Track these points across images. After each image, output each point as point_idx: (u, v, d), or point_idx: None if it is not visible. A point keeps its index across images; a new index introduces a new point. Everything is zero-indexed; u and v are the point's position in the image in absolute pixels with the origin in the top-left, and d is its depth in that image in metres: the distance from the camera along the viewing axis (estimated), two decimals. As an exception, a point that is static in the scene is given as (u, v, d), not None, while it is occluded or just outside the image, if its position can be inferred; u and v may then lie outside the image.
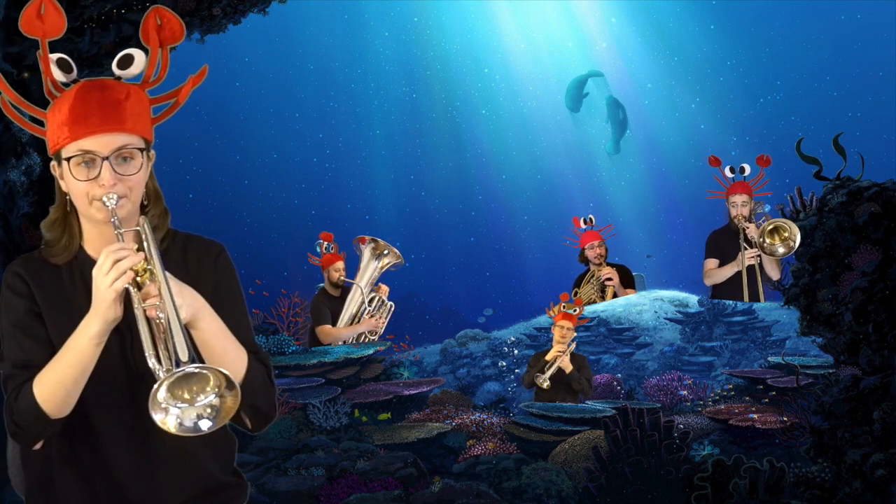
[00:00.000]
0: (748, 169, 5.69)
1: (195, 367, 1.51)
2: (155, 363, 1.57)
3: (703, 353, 5.54)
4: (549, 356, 5.16)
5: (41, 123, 1.74)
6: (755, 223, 5.56)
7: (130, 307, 1.62)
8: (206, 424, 1.54)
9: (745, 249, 5.59)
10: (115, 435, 1.75)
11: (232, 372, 1.56)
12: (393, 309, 6.23)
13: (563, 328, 5.21)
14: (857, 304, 3.29)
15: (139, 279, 1.61)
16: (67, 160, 1.68)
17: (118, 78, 1.73)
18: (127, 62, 1.73)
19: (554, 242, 12.02)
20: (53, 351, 1.68)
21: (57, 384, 1.65)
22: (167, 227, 1.81)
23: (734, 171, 5.68)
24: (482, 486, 4.16)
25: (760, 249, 5.11)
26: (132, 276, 1.60)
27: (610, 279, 6.21)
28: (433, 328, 14.20)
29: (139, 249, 1.66)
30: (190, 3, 4.75)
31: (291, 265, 15.03)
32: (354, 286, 6.14)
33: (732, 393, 5.02)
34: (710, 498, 3.34)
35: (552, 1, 17.42)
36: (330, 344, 5.84)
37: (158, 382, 1.50)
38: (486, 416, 4.88)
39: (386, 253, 6.21)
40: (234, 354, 1.72)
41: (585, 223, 6.35)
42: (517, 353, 5.87)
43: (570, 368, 5.11)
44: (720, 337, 5.58)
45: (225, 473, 1.86)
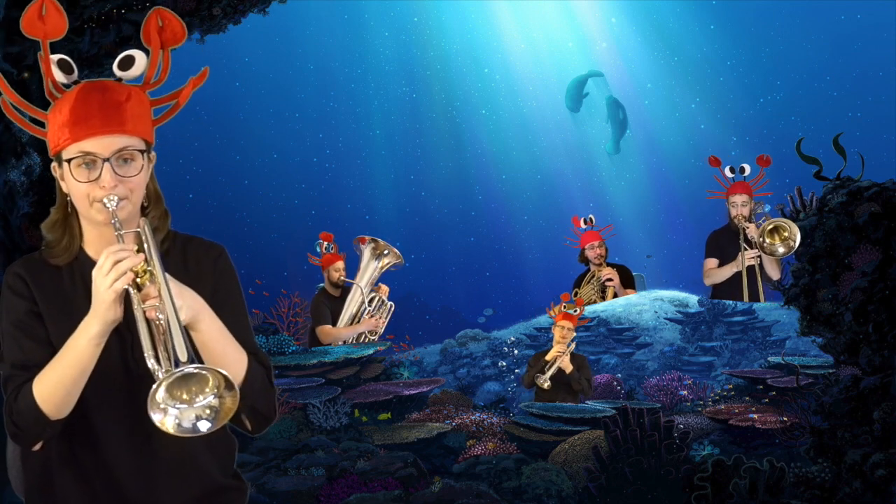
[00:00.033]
0: (748, 169, 5.69)
1: (194, 367, 1.51)
2: (154, 364, 1.56)
3: (703, 353, 5.54)
4: (548, 356, 5.16)
5: (42, 124, 1.74)
6: (755, 223, 5.55)
7: (130, 308, 1.62)
8: (204, 425, 1.54)
9: (745, 249, 5.59)
10: (114, 436, 1.75)
11: (232, 373, 1.56)
12: (393, 309, 6.23)
13: (563, 328, 5.21)
14: (857, 304, 3.29)
15: (139, 280, 1.61)
16: (68, 162, 1.68)
17: (119, 79, 1.73)
18: (128, 63, 1.73)
19: (554, 242, 12.01)
20: (53, 352, 1.68)
21: (56, 385, 1.65)
22: (167, 228, 1.81)
23: (734, 171, 5.68)
24: (482, 486, 4.16)
25: (760, 249, 5.11)
26: (132, 277, 1.60)
27: (610, 280, 6.21)
28: (433, 328, 14.20)
29: (139, 251, 1.66)
30: (190, 3, 4.75)
31: (291, 265, 15.03)
32: (354, 286, 6.14)
33: (732, 393, 5.02)
34: (710, 498, 3.33)
35: (552, 1, 17.41)
36: (330, 344, 5.84)
37: (157, 383, 1.50)
38: (486, 416, 4.88)
39: (386, 253, 6.21)
40: (233, 356, 1.71)
41: (585, 223, 6.35)
42: (517, 353, 5.87)
43: (570, 368, 5.11)
44: (720, 337, 5.58)
45: (225, 476, 1.86)
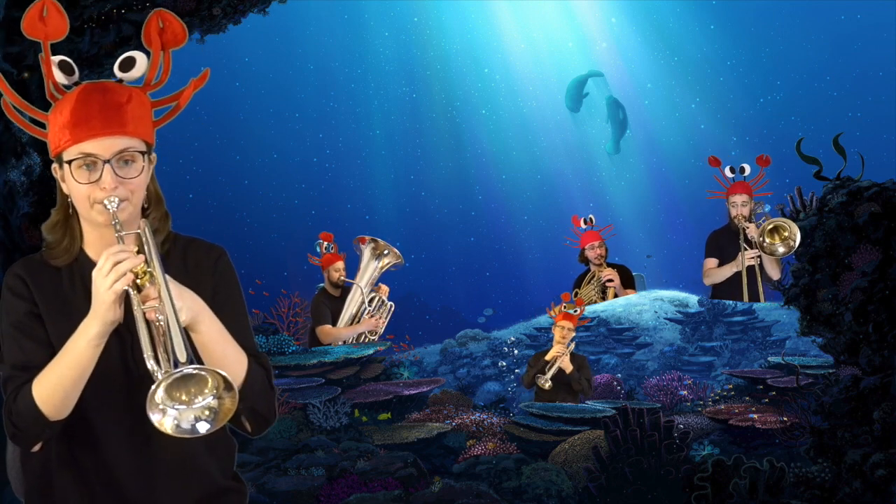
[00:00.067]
0: (748, 169, 5.69)
1: (193, 368, 1.51)
2: (153, 365, 1.56)
3: (703, 353, 5.54)
4: (548, 356, 5.16)
5: (42, 125, 1.74)
6: (755, 223, 5.56)
7: (130, 310, 1.62)
8: (203, 427, 1.54)
9: (745, 249, 5.59)
10: (114, 437, 1.75)
11: (231, 375, 1.56)
12: (393, 309, 6.23)
13: (563, 328, 5.21)
14: (857, 304, 3.29)
15: (139, 281, 1.61)
16: (69, 163, 1.68)
17: (120, 80, 1.73)
18: (129, 65, 1.73)
19: (554, 242, 12.01)
20: (53, 353, 1.68)
21: (56, 386, 1.65)
22: (168, 230, 1.81)
23: (734, 171, 5.68)
24: (482, 486, 4.16)
25: (760, 249, 5.11)
26: (132, 278, 1.60)
27: (611, 281, 6.20)
28: (433, 328, 14.21)
29: (139, 252, 1.66)
30: (190, 3, 4.75)
31: (291, 265, 15.03)
32: (354, 286, 6.14)
33: (732, 393, 5.02)
34: (710, 498, 3.34)
35: (552, 1, 17.41)
36: (330, 344, 5.84)
37: (156, 383, 1.50)
38: (486, 416, 4.87)
39: (386, 253, 6.21)
40: (233, 357, 1.71)
41: (585, 223, 6.35)
42: (517, 353, 5.87)
43: (570, 368, 5.11)
44: (720, 337, 5.58)
45: (225, 477, 1.86)
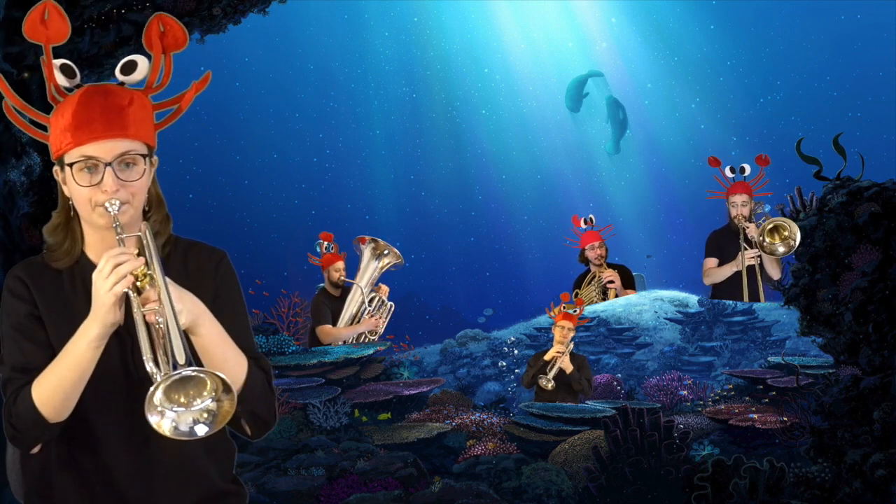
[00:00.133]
0: (748, 169, 5.69)
1: (192, 370, 1.51)
2: (152, 367, 1.56)
3: (703, 353, 5.54)
4: (547, 356, 5.16)
5: (43, 127, 1.74)
6: (755, 223, 5.56)
7: (130, 312, 1.62)
8: (202, 429, 1.54)
9: (744, 249, 5.59)
10: (114, 438, 1.75)
11: (231, 378, 1.56)
12: (393, 309, 6.23)
13: (563, 328, 5.21)
14: (857, 304, 3.30)
15: (139, 284, 1.61)
16: (70, 166, 1.68)
17: (121, 83, 1.73)
18: (130, 68, 1.73)
19: (554, 242, 12.02)
20: (53, 355, 1.68)
21: (55, 388, 1.65)
22: (169, 232, 1.81)
23: (734, 171, 5.68)
24: (482, 486, 4.16)
25: (760, 248, 5.11)
26: (132, 280, 1.60)
27: (612, 281, 6.20)
28: (433, 328, 14.21)
29: (140, 255, 1.66)
30: (190, 3, 4.76)
31: (291, 265, 15.03)
32: (354, 286, 6.14)
33: (732, 393, 5.02)
34: (710, 498, 3.34)
35: (552, 1, 17.42)
36: (330, 344, 5.84)
37: (155, 385, 1.51)
38: (486, 416, 4.88)
39: (386, 253, 6.21)
40: (233, 360, 1.71)
41: (585, 223, 6.34)
42: (517, 353, 5.87)
43: (570, 368, 5.11)
44: (720, 337, 5.58)
45: (224, 480, 1.86)
